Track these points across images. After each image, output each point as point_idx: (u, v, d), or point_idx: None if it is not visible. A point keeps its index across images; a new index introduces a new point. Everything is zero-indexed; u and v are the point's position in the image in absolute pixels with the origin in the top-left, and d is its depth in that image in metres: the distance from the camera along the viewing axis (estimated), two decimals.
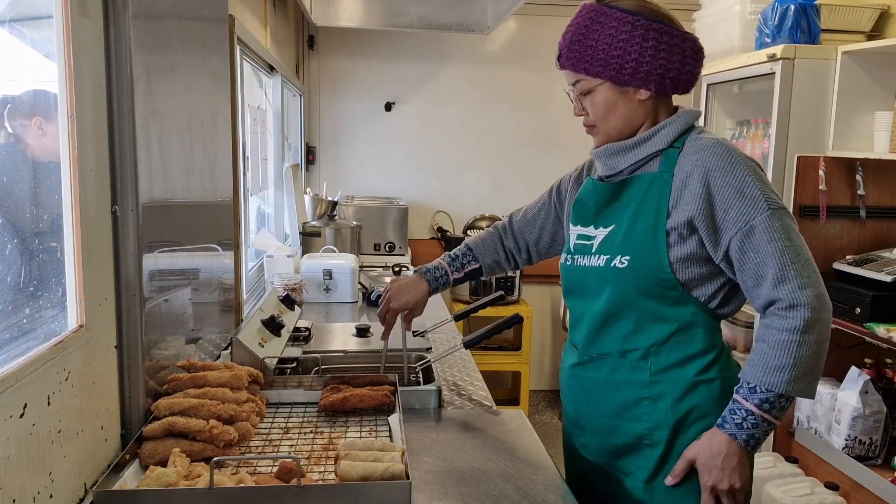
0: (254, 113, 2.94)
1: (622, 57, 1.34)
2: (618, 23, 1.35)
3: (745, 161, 1.33)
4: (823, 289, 1.32)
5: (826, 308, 1.31)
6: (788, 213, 1.33)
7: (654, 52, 1.34)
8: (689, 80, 1.40)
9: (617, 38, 1.34)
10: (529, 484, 1.35)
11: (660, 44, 1.35)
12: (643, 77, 1.36)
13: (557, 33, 1.45)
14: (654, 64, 1.35)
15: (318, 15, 3.82)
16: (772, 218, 1.29)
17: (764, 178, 1.34)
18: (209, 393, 1.42)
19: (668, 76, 1.37)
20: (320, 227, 3.55)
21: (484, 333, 2.00)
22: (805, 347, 1.29)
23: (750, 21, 3.10)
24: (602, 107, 1.40)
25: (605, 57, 1.35)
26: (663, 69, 1.36)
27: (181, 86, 1.62)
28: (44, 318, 1.12)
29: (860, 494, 2.52)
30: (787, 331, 1.29)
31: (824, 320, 1.30)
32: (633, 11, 1.35)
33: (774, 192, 1.33)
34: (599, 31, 1.36)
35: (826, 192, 2.83)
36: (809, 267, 1.31)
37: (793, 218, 1.34)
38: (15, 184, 1.15)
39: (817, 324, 1.29)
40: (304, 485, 1.17)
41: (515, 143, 4.74)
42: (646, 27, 1.34)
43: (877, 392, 2.55)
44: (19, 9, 1.14)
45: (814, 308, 1.28)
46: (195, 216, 1.75)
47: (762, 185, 1.32)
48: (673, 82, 1.38)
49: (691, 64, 1.39)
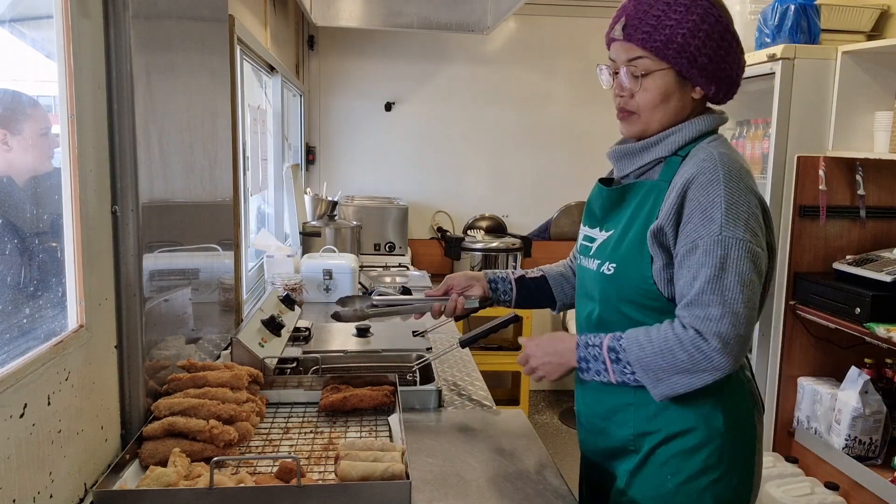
0: (254, 113, 2.94)
1: (700, 49, 1.26)
2: (704, 12, 1.26)
3: (730, 182, 1.24)
4: (732, 332, 1.21)
5: (726, 352, 1.22)
6: (745, 248, 1.22)
7: (726, 55, 1.29)
8: (732, 92, 1.37)
9: (700, 28, 1.25)
10: (530, 484, 1.35)
11: (732, 47, 1.30)
12: (709, 76, 1.29)
13: (557, 33, 1.45)
14: (722, 66, 1.29)
15: (318, 15, 3.82)
16: (716, 244, 1.22)
17: (741, 204, 1.24)
18: (209, 393, 1.42)
19: (727, 82, 1.32)
20: (320, 227, 3.55)
21: (481, 333, 2.00)
22: (681, 354, 1.23)
23: (750, 21, 3.10)
24: (657, 94, 1.31)
25: (682, 42, 1.25)
26: (725, 74, 1.31)
27: (181, 86, 1.62)
28: (44, 318, 1.12)
29: (860, 494, 2.52)
30: (677, 338, 1.25)
31: (715, 363, 1.22)
32: (720, 6, 1.29)
33: (748, 224, 1.24)
34: (683, 14, 1.25)
35: (826, 192, 2.83)
36: (730, 305, 1.21)
37: (752, 254, 1.23)
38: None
39: (704, 361, 1.22)
40: (304, 485, 1.17)
41: (515, 143, 4.74)
42: (727, 27, 1.29)
43: (877, 392, 2.55)
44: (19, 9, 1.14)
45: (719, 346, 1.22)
46: (195, 216, 1.75)
47: (731, 210, 1.23)
48: (726, 89, 1.34)
49: (740, 77, 1.36)
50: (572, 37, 4.62)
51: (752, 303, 1.24)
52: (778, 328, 2.92)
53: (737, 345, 1.23)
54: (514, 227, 4.70)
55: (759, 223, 1.26)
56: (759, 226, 1.26)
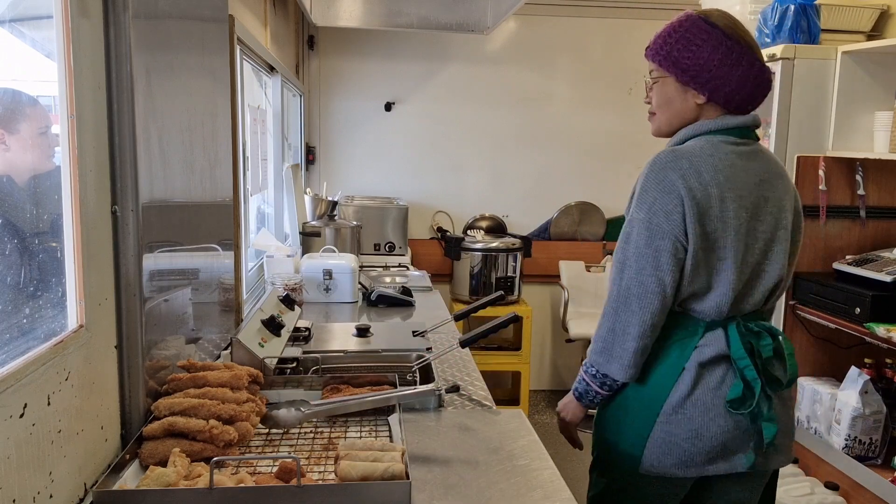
0: (254, 113, 2.94)
1: (690, 59, 1.51)
2: (697, 30, 1.51)
3: (661, 170, 1.48)
4: (634, 283, 1.47)
5: (629, 296, 1.48)
6: (644, 226, 1.47)
7: (719, 65, 1.49)
8: (742, 101, 1.53)
9: (692, 43, 1.51)
10: (530, 484, 1.35)
11: (726, 59, 1.49)
12: (701, 83, 1.51)
13: (557, 33, 1.48)
14: (713, 74, 1.50)
15: (318, 15, 3.82)
16: (627, 223, 1.52)
17: (649, 193, 1.47)
18: (209, 393, 1.42)
19: (724, 90, 1.51)
20: (320, 227, 3.55)
21: (480, 333, 2.00)
22: (604, 320, 1.53)
23: (750, 21, 3.10)
24: (661, 97, 1.58)
25: (677, 56, 1.52)
26: (721, 82, 1.50)
27: (181, 86, 1.62)
28: (44, 318, 1.12)
29: (860, 494, 2.52)
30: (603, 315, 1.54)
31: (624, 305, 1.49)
32: (713, 24, 1.51)
33: (653, 209, 1.47)
34: (682, 33, 1.53)
35: (826, 192, 2.83)
36: (628, 269, 1.49)
37: (649, 231, 1.46)
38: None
39: (617, 310, 1.50)
40: (304, 485, 1.17)
41: (515, 143, 4.74)
42: (719, 40, 1.50)
43: (877, 392, 2.55)
44: (19, 9, 1.14)
45: (616, 296, 1.50)
46: (195, 216, 1.75)
47: (644, 196, 1.48)
48: (727, 97, 1.52)
49: (750, 88, 1.52)
50: (572, 37, 4.63)
51: (643, 273, 1.47)
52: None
53: (632, 285, 1.49)
54: (514, 227, 4.70)
55: (668, 210, 1.46)
56: (665, 211, 1.46)
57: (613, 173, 4.72)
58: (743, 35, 1.51)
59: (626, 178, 4.73)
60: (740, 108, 1.54)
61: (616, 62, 4.60)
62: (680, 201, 1.45)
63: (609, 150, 4.71)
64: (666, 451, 1.49)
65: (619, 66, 4.62)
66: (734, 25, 1.52)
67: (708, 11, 1.55)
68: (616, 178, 4.70)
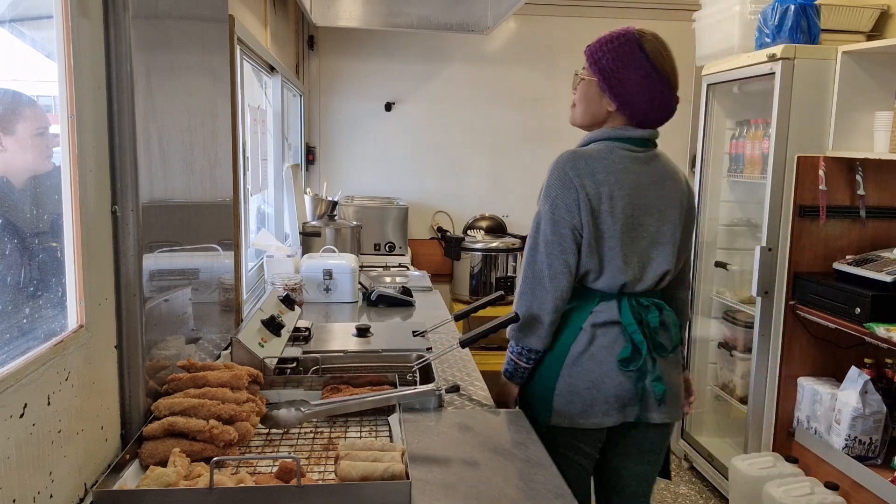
0: (254, 113, 2.94)
1: (613, 72, 1.73)
2: (628, 49, 1.72)
3: (561, 169, 1.73)
4: (545, 266, 1.72)
5: (542, 277, 1.72)
6: (548, 217, 1.73)
7: (634, 84, 1.71)
8: (645, 118, 1.75)
9: (620, 59, 1.72)
10: (529, 484, 1.35)
11: (643, 81, 1.71)
12: (615, 94, 1.74)
13: (557, 33, 1.48)
14: (627, 90, 1.72)
15: (318, 15, 3.82)
16: (537, 215, 1.76)
17: (553, 189, 1.73)
18: (209, 393, 1.42)
19: (632, 105, 1.73)
20: (320, 227, 3.55)
21: (480, 333, 2.00)
22: (521, 300, 1.76)
23: (750, 21, 3.10)
24: (582, 94, 1.82)
25: (604, 65, 1.74)
26: (631, 98, 1.72)
27: (181, 86, 1.62)
28: (44, 318, 1.12)
29: (860, 494, 2.52)
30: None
31: (539, 285, 1.73)
32: (642, 47, 1.71)
33: (555, 203, 1.72)
34: (615, 47, 1.73)
35: (826, 192, 2.83)
36: (539, 254, 1.73)
37: (553, 221, 1.72)
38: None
39: (533, 290, 1.73)
40: (304, 485, 1.17)
41: (515, 142, 4.74)
42: (641, 63, 1.71)
43: (877, 392, 2.55)
44: (19, 9, 1.14)
45: (531, 278, 1.74)
46: (195, 216, 1.75)
47: (549, 191, 1.74)
48: (632, 111, 1.74)
49: (655, 110, 1.74)
50: (572, 37, 4.61)
51: (552, 257, 1.72)
52: (778, 328, 2.93)
53: (541, 274, 1.74)
54: (514, 227, 4.69)
55: (568, 203, 1.71)
56: (566, 204, 1.71)
57: None
58: (663, 63, 1.72)
59: None
60: (642, 123, 1.76)
61: None
62: (577, 196, 1.70)
63: None
64: (570, 401, 1.73)
65: None
66: (659, 53, 1.72)
67: (644, 34, 1.74)
68: None
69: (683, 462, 3.65)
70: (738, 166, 3.32)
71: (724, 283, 3.50)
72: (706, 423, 3.61)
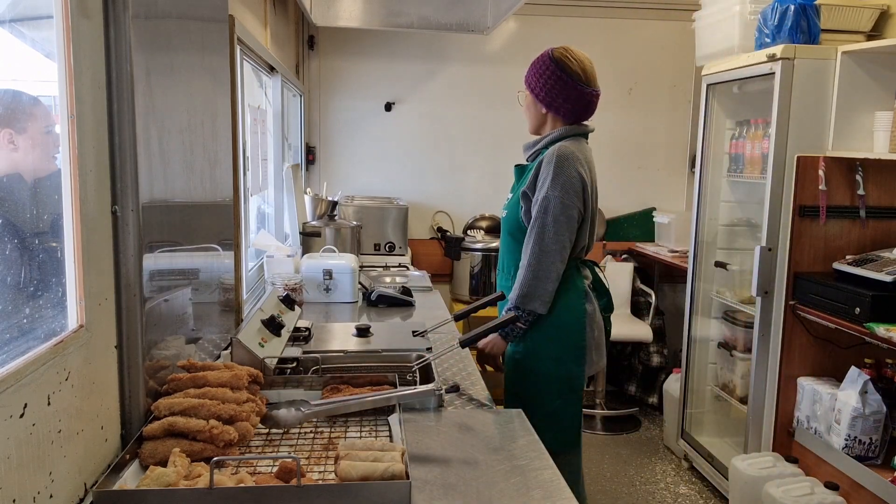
0: (254, 113, 2.94)
1: (537, 82, 2.18)
2: (545, 67, 2.17)
3: (566, 160, 2.07)
4: (553, 241, 2.07)
5: (551, 250, 2.07)
6: (559, 202, 2.06)
7: (551, 88, 2.16)
8: (575, 116, 2.18)
9: (541, 70, 2.18)
10: (529, 483, 1.35)
11: (557, 85, 2.15)
12: (542, 99, 2.19)
13: (557, 33, 1.48)
14: (550, 94, 2.17)
15: (318, 15, 3.82)
16: (546, 199, 2.07)
17: (560, 177, 2.06)
18: (209, 393, 1.42)
19: (554, 105, 2.17)
20: (320, 227, 3.55)
21: (480, 333, 2.00)
22: (528, 271, 2.09)
23: (750, 21, 3.10)
24: (526, 105, 2.27)
25: (531, 80, 2.20)
26: (553, 99, 2.17)
27: (181, 86, 1.62)
28: (44, 318, 1.12)
29: (860, 494, 2.52)
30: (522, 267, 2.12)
31: (547, 257, 2.08)
32: (556, 60, 2.15)
33: (565, 188, 2.06)
34: (537, 67, 2.19)
35: (826, 192, 2.83)
36: (548, 231, 2.07)
37: (563, 206, 2.06)
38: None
39: (540, 261, 2.08)
40: (304, 485, 1.17)
41: (515, 143, 4.70)
42: (553, 71, 2.15)
43: (877, 392, 2.55)
44: (19, 9, 1.14)
45: (539, 251, 2.08)
46: (195, 216, 1.75)
47: (557, 179, 2.07)
48: (557, 110, 2.18)
49: (580, 108, 2.17)
50: (572, 37, 4.60)
51: (560, 234, 2.08)
52: (778, 328, 2.92)
53: (543, 254, 2.09)
54: None
55: (576, 189, 2.08)
56: (574, 190, 2.08)
57: (613, 173, 4.71)
58: (571, 66, 2.13)
59: (626, 177, 4.74)
60: (574, 120, 2.19)
61: (616, 62, 4.60)
62: (581, 183, 2.10)
63: (609, 150, 4.70)
64: (596, 351, 2.19)
65: (619, 67, 4.63)
66: (567, 59, 2.13)
67: (556, 49, 2.16)
68: (616, 179, 4.70)
69: (683, 462, 3.65)
70: (738, 166, 3.32)
71: (724, 283, 3.50)
72: (706, 424, 3.61)
